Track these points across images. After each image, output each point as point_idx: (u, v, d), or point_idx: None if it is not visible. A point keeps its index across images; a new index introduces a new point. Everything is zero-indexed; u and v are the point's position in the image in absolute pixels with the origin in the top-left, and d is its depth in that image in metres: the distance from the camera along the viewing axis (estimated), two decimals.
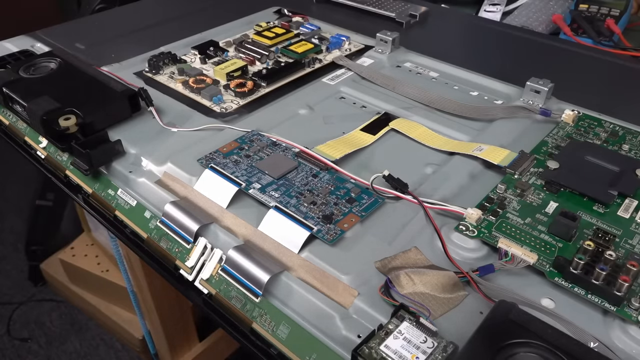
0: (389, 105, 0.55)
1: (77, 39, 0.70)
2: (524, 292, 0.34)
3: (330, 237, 0.37)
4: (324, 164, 0.44)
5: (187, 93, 0.57)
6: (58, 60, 0.57)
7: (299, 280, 0.36)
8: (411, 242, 0.38)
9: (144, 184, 0.45)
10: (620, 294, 0.32)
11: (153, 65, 0.60)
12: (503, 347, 0.28)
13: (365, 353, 0.29)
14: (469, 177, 0.45)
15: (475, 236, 0.38)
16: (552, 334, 0.28)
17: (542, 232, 0.38)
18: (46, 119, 0.47)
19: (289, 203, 0.40)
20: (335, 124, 0.52)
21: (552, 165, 0.44)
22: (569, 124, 0.51)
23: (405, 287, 0.34)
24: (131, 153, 0.48)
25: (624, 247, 0.36)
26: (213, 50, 0.64)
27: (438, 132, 0.51)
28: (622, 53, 0.70)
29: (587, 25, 0.76)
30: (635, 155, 0.46)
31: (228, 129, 0.50)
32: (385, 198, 0.42)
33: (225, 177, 0.42)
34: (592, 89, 0.60)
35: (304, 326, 0.34)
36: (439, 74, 0.62)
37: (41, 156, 0.52)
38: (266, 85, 0.58)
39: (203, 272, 0.39)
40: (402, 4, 0.80)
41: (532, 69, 0.62)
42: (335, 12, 0.81)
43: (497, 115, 0.52)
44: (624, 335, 0.31)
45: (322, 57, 0.64)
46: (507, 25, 0.80)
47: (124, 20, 0.78)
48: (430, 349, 0.29)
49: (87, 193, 0.48)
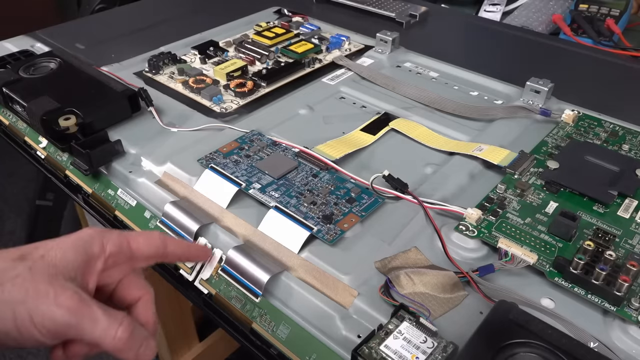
0: (389, 105, 0.55)
1: (77, 39, 0.70)
2: (524, 292, 0.34)
3: (330, 237, 0.37)
4: (324, 163, 0.44)
5: (187, 93, 0.57)
6: (58, 60, 0.57)
7: (299, 280, 0.36)
8: (411, 242, 0.38)
9: (144, 184, 0.45)
10: (620, 294, 0.32)
11: (153, 65, 0.60)
12: (503, 347, 0.28)
13: (365, 353, 0.29)
14: (469, 177, 0.45)
15: (475, 236, 0.38)
16: (552, 334, 0.28)
17: (542, 232, 0.38)
18: (46, 119, 0.47)
19: (289, 203, 0.40)
20: (335, 124, 0.52)
21: (552, 165, 0.44)
22: (569, 124, 0.51)
23: (405, 287, 0.34)
24: (131, 153, 0.48)
25: (624, 247, 0.36)
26: (213, 50, 0.64)
27: (438, 132, 0.51)
28: (622, 53, 0.70)
29: (587, 25, 0.76)
30: (635, 155, 0.46)
31: (228, 129, 0.50)
32: (385, 198, 0.42)
33: (225, 177, 0.42)
34: (592, 89, 0.60)
35: (304, 326, 0.34)
36: (439, 74, 0.62)
37: (41, 156, 0.52)
38: (266, 85, 0.58)
39: (203, 272, 0.39)
40: (402, 4, 0.80)
41: (532, 69, 0.62)
42: (335, 12, 0.81)
43: (497, 115, 0.52)
44: (624, 335, 0.31)
45: (322, 57, 0.64)
46: (507, 25, 0.80)
47: (124, 20, 0.78)
48: (430, 349, 0.29)
49: (87, 193, 0.48)
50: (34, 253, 0.28)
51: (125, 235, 0.31)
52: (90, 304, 0.27)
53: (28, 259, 0.28)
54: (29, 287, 0.26)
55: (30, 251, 0.28)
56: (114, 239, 0.30)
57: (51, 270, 0.27)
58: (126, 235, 0.31)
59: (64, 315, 0.26)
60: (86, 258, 0.29)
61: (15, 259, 0.27)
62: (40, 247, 0.29)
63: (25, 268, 0.27)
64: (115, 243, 0.30)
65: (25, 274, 0.27)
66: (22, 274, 0.27)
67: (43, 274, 0.27)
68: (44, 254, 0.28)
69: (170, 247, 0.33)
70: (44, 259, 0.28)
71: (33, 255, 0.28)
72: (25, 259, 0.27)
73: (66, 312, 0.26)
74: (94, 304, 0.27)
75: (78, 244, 0.29)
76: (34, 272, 0.27)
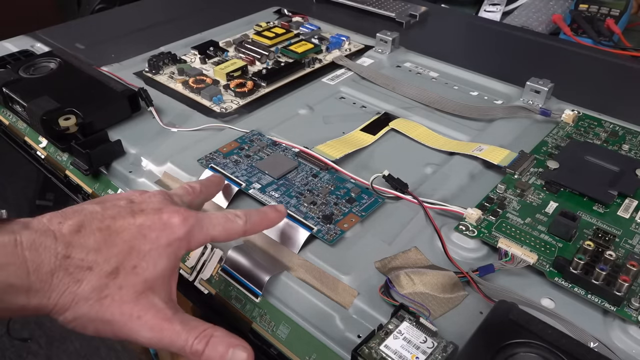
0: (389, 105, 0.55)
1: (77, 39, 0.70)
2: (524, 292, 0.34)
3: (330, 237, 0.37)
4: (324, 163, 0.44)
5: (187, 93, 0.57)
6: (58, 60, 0.57)
7: (299, 280, 0.36)
8: (411, 242, 0.38)
9: (144, 184, 0.45)
10: (620, 294, 0.32)
11: (153, 65, 0.60)
12: (503, 347, 0.28)
13: (365, 353, 0.29)
14: (469, 177, 0.45)
15: (475, 236, 0.38)
16: (552, 334, 0.28)
17: (542, 232, 0.38)
18: (46, 119, 0.47)
19: (289, 203, 0.40)
20: (335, 124, 0.52)
21: (552, 165, 0.44)
22: (569, 124, 0.51)
23: (405, 287, 0.34)
24: (131, 153, 0.48)
25: (624, 247, 0.36)
26: (213, 50, 0.64)
27: (438, 132, 0.51)
28: (622, 53, 0.70)
29: (587, 25, 0.76)
30: (635, 155, 0.46)
31: (228, 129, 0.50)
32: (385, 198, 0.42)
33: (225, 177, 0.42)
34: (592, 89, 0.60)
35: (304, 326, 0.34)
36: (439, 74, 0.62)
37: (41, 156, 0.52)
38: (266, 85, 0.58)
39: (203, 272, 0.39)
40: (402, 4, 0.80)
41: (532, 69, 0.62)
42: (335, 12, 0.81)
43: (497, 115, 0.52)
44: (624, 335, 0.31)
45: (322, 57, 0.64)
46: (507, 25, 0.80)
47: (124, 20, 0.78)
48: (430, 349, 0.29)
49: (87, 193, 0.48)
50: (127, 263, 0.28)
51: (210, 233, 0.31)
52: (172, 320, 0.28)
53: (120, 273, 0.28)
54: (115, 310, 0.27)
55: (124, 260, 0.28)
56: (200, 240, 0.31)
57: (140, 287, 0.28)
58: (210, 232, 0.31)
59: (146, 333, 0.27)
60: (176, 264, 0.30)
61: (109, 274, 0.28)
62: (134, 252, 0.28)
63: (115, 287, 0.27)
64: (200, 243, 0.31)
65: (114, 293, 0.27)
66: (111, 294, 0.27)
67: (131, 293, 0.28)
68: (137, 264, 0.28)
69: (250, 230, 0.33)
70: (136, 272, 0.28)
71: (126, 267, 0.28)
72: (117, 275, 0.28)
73: (148, 331, 0.27)
74: (176, 319, 0.28)
75: (169, 251, 0.29)
76: (123, 290, 0.28)
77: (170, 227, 0.30)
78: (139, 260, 0.28)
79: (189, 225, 0.30)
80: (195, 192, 0.35)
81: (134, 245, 0.28)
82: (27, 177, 1.42)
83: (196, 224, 0.31)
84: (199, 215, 0.31)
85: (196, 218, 0.31)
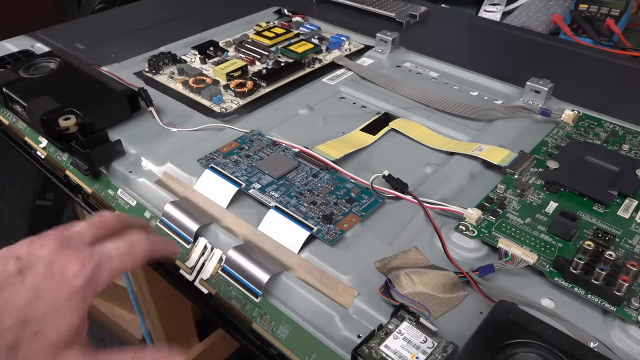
0: (389, 105, 0.55)
1: (77, 39, 0.70)
2: (524, 292, 0.34)
3: (330, 237, 0.37)
4: (324, 163, 0.44)
5: (187, 93, 0.57)
6: (58, 60, 0.57)
7: (299, 280, 0.36)
8: (411, 242, 0.38)
9: (144, 184, 0.45)
10: (620, 294, 0.32)
11: (153, 65, 0.60)
12: (503, 347, 0.28)
13: (365, 353, 0.29)
14: (469, 177, 0.45)
15: (475, 236, 0.38)
16: (552, 334, 0.28)
17: (542, 232, 0.38)
18: (46, 119, 0.47)
19: (289, 203, 0.40)
20: (335, 124, 0.52)
21: (552, 165, 0.44)
22: (569, 124, 0.51)
23: (405, 287, 0.34)
24: (131, 153, 0.48)
25: (624, 247, 0.36)
26: (213, 50, 0.64)
27: (438, 132, 0.51)
28: (622, 53, 0.70)
29: (587, 25, 0.76)
30: (635, 155, 0.46)
31: (228, 129, 0.50)
32: (385, 198, 0.42)
33: (225, 177, 0.42)
34: (592, 89, 0.60)
35: (304, 326, 0.34)
36: (439, 74, 0.62)
37: (41, 156, 0.52)
38: (266, 85, 0.58)
39: (203, 272, 0.39)
40: (402, 4, 0.80)
41: (532, 69, 0.62)
42: (335, 12, 0.81)
43: (497, 115, 0.52)
44: (624, 335, 0.31)
45: (322, 57, 0.64)
46: (507, 25, 0.80)
47: (124, 20, 0.78)
48: (430, 349, 0.29)
49: (87, 193, 0.48)
50: (25, 333, 0.25)
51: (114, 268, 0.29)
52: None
53: (21, 345, 0.25)
54: None
55: (21, 331, 0.25)
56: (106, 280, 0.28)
57: (48, 352, 0.25)
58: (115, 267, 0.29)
59: None
60: (84, 314, 0.27)
61: (8, 349, 0.24)
62: (31, 318, 0.25)
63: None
64: (106, 282, 0.28)
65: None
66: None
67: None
68: (37, 330, 0.25)
69: None
70: (38, 339, 0.25)
71: (25, 337, 0.25)
72: (18, 347, 0.25)
73: None
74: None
75: (72, 306, 0.26)
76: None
77: (66, 280, 0.26)
78: (39, 325, 0.25)
79: (88, 271, 0.27)
80: (104, 225, 0.31)
81: (29, 311, 0.25)
82: (27, 177, 1.42)
83: (97, 266, 0.28)
84: (98, 253, 0.28)
85: (96, 259, 0.28)
